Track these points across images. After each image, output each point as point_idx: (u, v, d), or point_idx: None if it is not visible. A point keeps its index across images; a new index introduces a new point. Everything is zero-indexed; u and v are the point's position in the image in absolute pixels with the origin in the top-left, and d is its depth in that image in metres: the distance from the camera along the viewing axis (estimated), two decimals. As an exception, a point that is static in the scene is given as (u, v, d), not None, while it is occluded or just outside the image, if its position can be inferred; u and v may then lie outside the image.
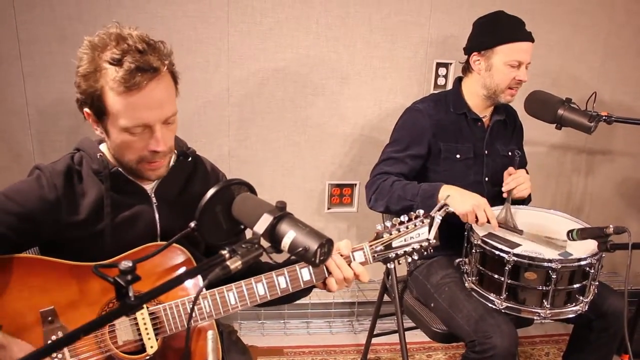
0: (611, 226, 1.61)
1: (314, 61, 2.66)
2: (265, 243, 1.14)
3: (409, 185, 2.08)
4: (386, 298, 2.55)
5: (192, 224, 1.21)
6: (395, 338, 2.36)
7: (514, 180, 2.11)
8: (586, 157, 3.08)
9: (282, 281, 1.44)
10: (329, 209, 2.90)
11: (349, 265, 1.47)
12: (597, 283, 1.91)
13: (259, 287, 1.43)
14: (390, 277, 2.40)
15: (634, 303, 2.93)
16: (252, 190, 1.29)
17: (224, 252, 1.07)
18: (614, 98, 2.97)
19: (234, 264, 1.05)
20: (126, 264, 0.91)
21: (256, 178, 2.78)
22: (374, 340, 2.81)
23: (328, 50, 2.66)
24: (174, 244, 1.42)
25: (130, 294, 0.92)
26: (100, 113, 1.37)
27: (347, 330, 3.08)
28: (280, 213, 1.12)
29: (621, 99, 2.99)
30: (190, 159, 1.59)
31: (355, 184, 2.86)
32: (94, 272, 1.01)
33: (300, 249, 1.08)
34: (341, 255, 1.47)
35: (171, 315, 1.39)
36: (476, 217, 1.92)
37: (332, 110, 2.74)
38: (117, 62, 1.31)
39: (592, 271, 1.82)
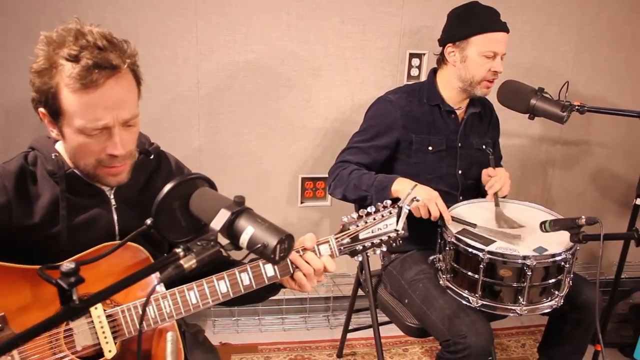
0: (583, 217, 1.59)
1: (285, 53, 2.60)
2: (224, 240, 1.09)
3: (366, 175, 2.05)
4: (361, 292, 2.51)
5: (148, 221, 1.15)
6: (371, 332, 2.33)
7: (499, 182, 2.09)
8: (561, 149, 3.07)
9: (245, 278, 1.38)
10: (302, 202, 2.85)
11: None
12: (571, 275, 1.88)
13: (221, 284, 1.37)
14: (363, 272, 2.36)
15: (607, 292, 2.95)
16: (211, 185, 1.23)
17: (178, 250, 1.02)
18: (587, 88, 2.96)
19: (188, 262, 1.00)
20: (68, 266, 0.85)
21: (228, 173, 2.72)
22: (350, 335, 2.79)
23: (299, 42, 2.60)
24: (131, 243, 1.36)
25: (75, 297, 0.87)
26: (56, 113, 1.29)
27: (323, 326, 3.04)
28: (238, 208, 1.07)
29: (595, 89, 2.98)
30: (152, 156, 1.52)
31: (329, 178, 2.82)
32: (38, 274, 0.95)
33: (259, 245, 1.03)
34: (304, 249, 1.41)
35: (130, 317, 1.33)
36: (428, 211, 1.89)
37: (304, 103, 2.69)
38: (74, 59, 1.23)
39: (567, 265, 1.80)
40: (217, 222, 1.06)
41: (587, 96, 2.93)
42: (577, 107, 1.87)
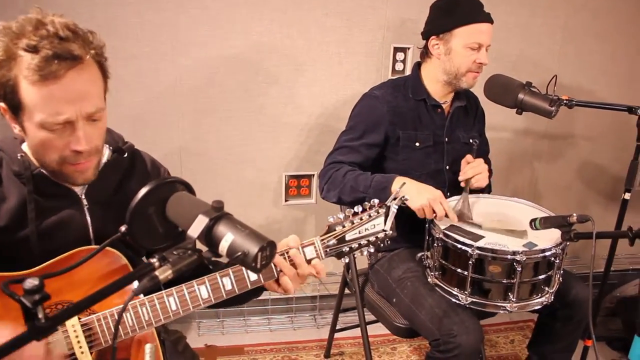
0: (574, 215, 1.55)
1: (267, 48, 2.54)
2: (203, 247, 1.04)
3: (362, 176, 1.99)
4: (348, 291, 2.47)
5: (123, 228, 1.09)
6: (359, 331, 2.29)
7: (472, 169, 2.04)
8: (547, 142, 3.05)
9: (227, 282, 1.33)
10: (286, 201, 2.80)
11: (309, 262, 1.37)
12: (561, 272, 1.85)
13: (202, 290, 1.32)
14: (350, 271, 2.32)
15: (596, 287, 2.93)
16: (189, 188, 1.17)
17: (153, 260, 0.96)
18: (573, 82, 2.93)
19: (164, 273, 0.94)
20: (32, 282, 0.79)
21: (209, 172, 2.66)
22: (338, 335, 2.75)
23: (282, 36, 2.54)
24: (109, 249, 1.30)
25: (40, 315, 0.81)
26: (16, 107, 1.22)
27: (309, 325, 2.99)
28: (217, 214, 1.01)
29: (580, 82, 2.95)
30: (126, 154, 1.46)
31: (313, 175, 2.76)
32: (2, 289, 0.88)
33: (239, 253, 0.98)
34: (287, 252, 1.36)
35: (106, 326, 1.27)
36: (433, 211, 1.84)
37: (287, 99, 2.63)
38: (33, 49, 1.16)
39: (557, 261, 1.77)
40: (195, 229, 1.01)
41: (572, 89, 2.90)
42: (565, 102, 1.83)
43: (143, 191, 1.09)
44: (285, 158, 2.73)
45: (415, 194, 1.84)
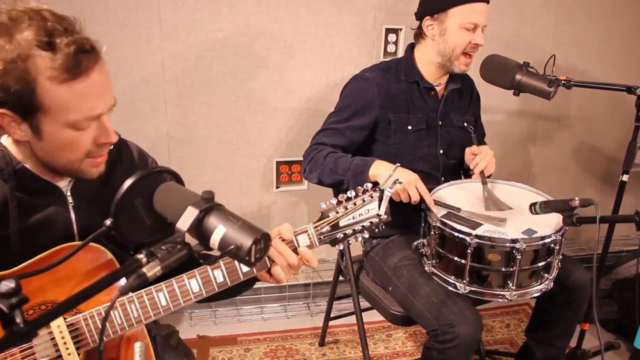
0: (577, 199, 1.50)
1: (255, 30, 2.46)
2: (193, 240, 0.98)
3: (342, 158, 1.94)
4: (342, 278, 2.42)
5: (108, 222, 1.04)
6: (354, 319, 2.25)
7: (484, 159, 1.99)
8: (542, 124, 3.00)
9: (218, 275, 1.27)
10: (277, 187, 2.74)
11: (295, 251, 1.31)
12: (560, 257, 1.81)
13: (193, 283, 1.26)
14: (344, 258, 2.27)
15: (590, 269, 2.91)
16: (177, 178, 1.11)
17: (140, 256, 0.90)
18: (568, 62, 2.88)
19: (152, 270, 0.88)
20: (7, 285, 0.73)
21: (198, 159, 2.59)
22: (332, 323, 2.71)
23: (269, 18, 2.46)
24: (93, 244, 1.23)
25: (18, 319, 0.75)
26: (29, 111, 1.13)
27: (303, 313, 2.95)
28: (207, 205, 0.96)
29: (575, 62, 2.90)
30: (112, 146, 1.39)
31: (305, 160, 2.70)
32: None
33: (232, 246, 0.92)
34: (283, 240, 1.31)
35: (93, 325, 1.22)
36: (408, 195, 1.80)
37: (276, 83, 2.56)
38: (49, 46, 1.08)
39: (557, 247, 1.73)
40: (184, 222, 0.95)
41: (567, 70, 2.85)
42: (563, 82, 1.78)
43: (128, 182, 1.03)
44: (275, 144, 2.66)
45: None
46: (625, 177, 2.00)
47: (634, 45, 2.96)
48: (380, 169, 1.85)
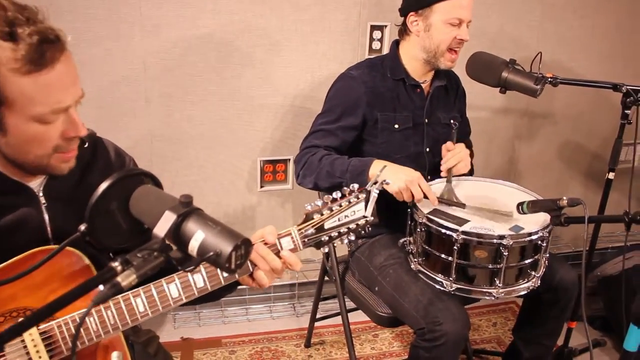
0: (565, 198, 1.48)
1: (239, 27, 2.42)
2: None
3: (339, 160, 1.89)
4: (328, 278, 2.39)
5: (82, 227, 0.99)
6: (340, 319, 2.22)
7: (455, 157, 1.95)
8: (528, 121, 2.99)
9: (198, 280, 1.23)
10: (262, 187, 2.70)
11: (278, 254, 1.28)
12: (547, 255, 1.80)
13: (172, 288, 1.22)
14: (330, 259, 2.24)
15: (575, 266, 2.91)
16: (155, 181, 1.07)
17: (115, 264, 0.86)
18: (552, 59, 2.87)
19: (127, 279, 0.84)
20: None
21: (182, 158, 2.55)
22: (318, 324, 2.68)
23: (254, 15, 2.42)
24: (69, 248, 1.19)
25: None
26: None
27: (288, 314, 2.92)
28: (185, 210, 0.92)
29: (559, 59, 2.90)
30: (87, 144, 1.34)
31: (289, 159, 2.66)
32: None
33: (211, 253, 0.89)
34: (265, 244, 1.27)
35: (67, 332, 1.17)
36: (411, 194, 1.76)
37: (261, 81, 2.52)
38: (10, 37, 1.04)
39: (544, 244, 1.71)
40: (161, 228, 0.91)
41: (552, 66, 2.84)
42: (550, 80, 1.76)
43: (103, 186, 0.99)
44: (260, 142, 2.62)
45: (392, 176, 1.76)
46: (611, 175, 1.99)
47: (619, 41, 2.96)
48: (379, 169, 1.82)
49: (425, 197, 1.77)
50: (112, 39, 2.30)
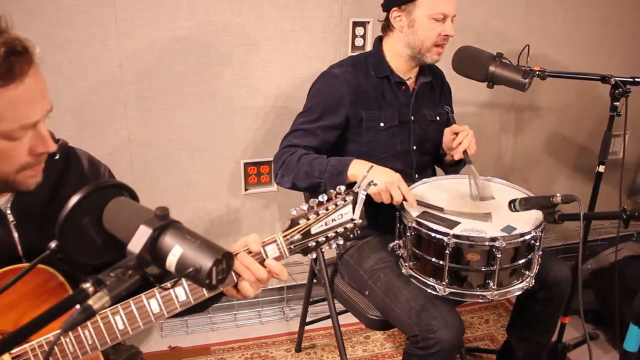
0: (558, 195, 1.44)
1: (217, 27, 2.35)
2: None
3: (317, 160, 1.84)
4: (317, 281, 2.34)
5: (53, 244, 0.93)
6: (330, 322, 2.17)
7: (467, 138, 1.92)
8: (514, 115, 2.95)
9: (180, 293, 1.17)
10: (246, 190, 2.63)
11: (263, 262, 1.22)
12: (540, 253, 1.76)
13: (152, 303, 1.16)
14: (317, 262, 2.18)
15: (567, 259, 2.89)
16: (130, 193, 1.01)
17: (86, 285, 0.80)
18: (538, 52, 2.83)
19: (100, 301, 0.78)
20: None
21: (162, 163, 2.48)
22: (308, 327, 2.62)
23: (232, 14, 2.35)
24: (40, 266, 1.13)
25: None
26: None
27: (277, 318, 2.86)
28: (161, 223, 0.86)
29: (545, 52, 2.86)
30: (57, 156, 1.27)
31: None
32: None
33: (191, 269, 0.83)
34: (250, 253, 1.21)
35: (42, 355, 1.11)
36: (390, 196, 1.71)
37: (241, 82, 2.45)
38: None
39: (537, 243, 1.67)
40: (136, 243, 0.85)
41: (537, 60, 2.78)
42: (538, 73, 1.72)
43: (73, 200, 0.93)
44: (242, 144, 2.56)
45: (371, 177, 1.71)
46: (601, 168, 1.96)
47: (604, 33, 2.94)
48: (359, 169, 1.77)
49: (405, 199, 1.73)
50: (86, 43, 2.22)
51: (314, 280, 2.38)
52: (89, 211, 0.95)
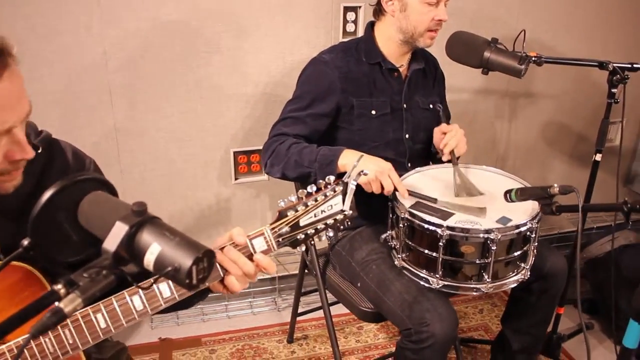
0: (556, 186, 1.39)
1: (205, 13, 2.29)
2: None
3: (307, 149, 1.79)
4: (308, 271, 2.30)
5: (25, 242, 0.88)
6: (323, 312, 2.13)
7: (454, 138, 1.87)
8: (509, 102, 2.91)
9: (164, 289, 1.12)
10: (236, 179, 2.58)
11: (250, 257, 1.17)
12: (536, 244, 1.72)
13: (136, 300, 1.11)
14: (309, 253, 2.14)
15: (561, 248, 2.86)
16: (108, 187, 0.96)
17: (58, 286, 0.76)
18: (534, 37, 2.77)
19: (71, 304, 0.74)
20: None
21: (150, 153, 2.42)
22: (300, 318, 2.59)
23: (219, -1, 2.29)
24: (15, 263, 1.08)
25: None
26: None
27: (270, 309, 2.82)
28: (139, 219, 0.81)
29: (541, 38, 2.80)
30: (40, 150, 1.21)
31: (264, 149, 2.55)
32: None
33: (169, 268, 0.78)
34: (236, 246, 1.17)
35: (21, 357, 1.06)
36: (381, 186, 1.67)
37: (230, 69, 2.39)
38: None
39: (533, 235, 1.63)
40: (112, 241, 0.80)
41: (533, 46, 2.74)
42: (534, 59, 1.68)
43: (46, 195, 0.88)
44: (232, 133, 2.51)
45: (362, 166, 1.67)
46: (598, 157, 1.92)
47: (602, 18, 2.88)
48: (349, 159, 1.72)
49: (396, 189, 1.69)
50: (70, 31, 2.15)
51: (306, 270, 2.34)
52: (63, 206, 0.90)
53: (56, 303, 0.75)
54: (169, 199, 2.51)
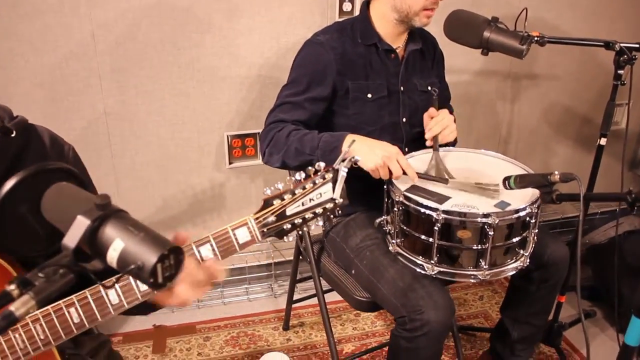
0: (556, 173, 1.32)
1: (195, -9, 2.22)
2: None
3: (308, 136, 1.72)
4: (303, 258, 2.25)
5: (-14, 235, 0.83)
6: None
7: (438, 124, 1.80)
8: (511, 83, 2.82)
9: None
10: (231, 163, 2.52)
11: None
12: (536, 230, 1.65)
13: (111, 294, 1.05)
14: (303, 239, 2.08)
15: (566, 233, 2.80)
16: (76, 178, 0.90)
17: (11, 287, 0.70)
18: (536, 16, 2.68)
19: (24, 306, 0.68)
20: None
21: (141, 137, 2.36)
22: (296, 305, 2.55)
23: (211, -23, 2.21)
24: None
25: None
26: None
27: (266, 295, 2.78)
28: (101, 213, 0.75)
29: (544, 17, 2.71)
30: (14, 133, 1.15)
31: (258, 133, 2.48)
32: None
33: (133, 266, 0.72)
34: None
35: (-13, 355, 1.01)
36: (389, 171, 1.61)
37: (222, 50, 2.32)
38: None
39: (533, 221, 1.57)
40: (72, 236, 0.75)
41: (536, 25, 2.64)
42: (536, 39, 1.60)
43: (7, 186, 0.83)
44: (225, 116, 2.44)
45: (368, 152, 1.60)
46: (603, 141, 1.85)
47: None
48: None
49: (405, 173, 1.62)
50: (55, 12, 2.08)
51: (300, 257, 2.29)
52: (26, 198, 0.85)
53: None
54: (162, 184, 2.45)
